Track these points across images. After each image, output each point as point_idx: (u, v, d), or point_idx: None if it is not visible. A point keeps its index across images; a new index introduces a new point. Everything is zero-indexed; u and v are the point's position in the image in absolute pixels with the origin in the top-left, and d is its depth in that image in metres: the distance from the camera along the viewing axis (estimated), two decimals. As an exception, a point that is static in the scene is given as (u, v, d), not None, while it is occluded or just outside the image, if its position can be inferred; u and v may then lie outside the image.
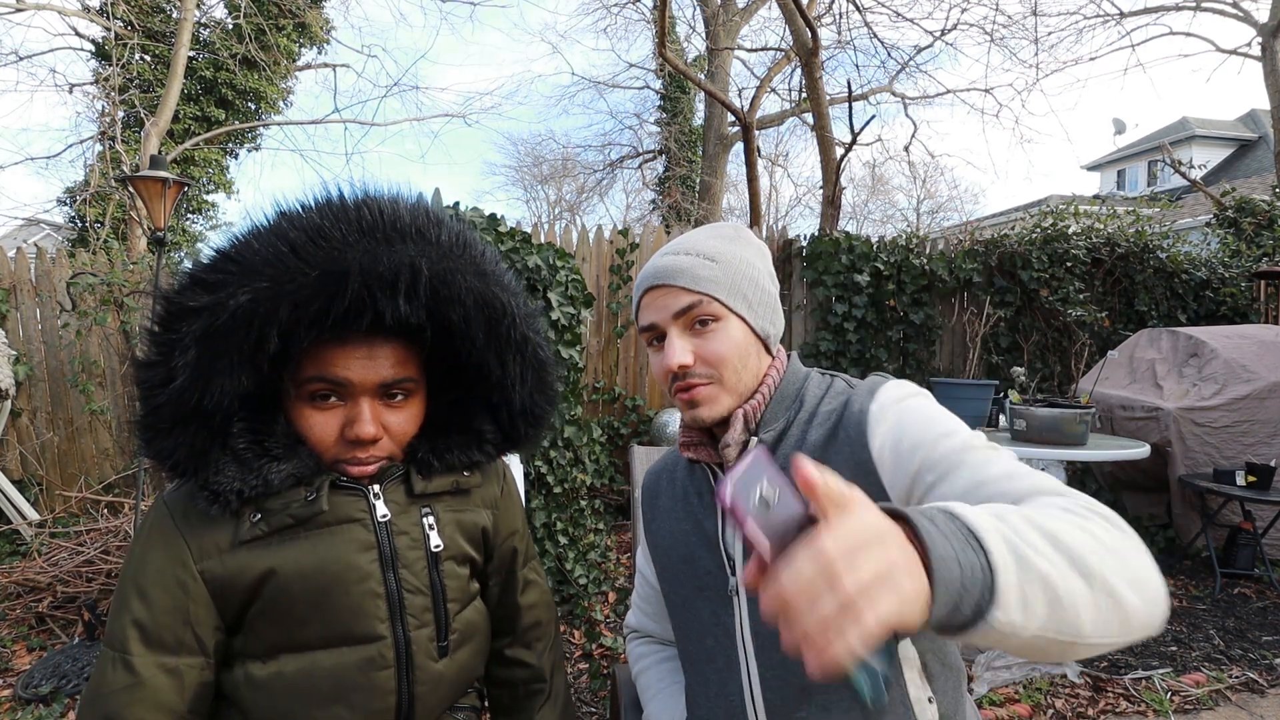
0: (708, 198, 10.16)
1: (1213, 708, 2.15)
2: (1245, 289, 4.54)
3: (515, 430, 0.91)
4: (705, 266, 0.81)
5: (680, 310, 0.80)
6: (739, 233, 0.87)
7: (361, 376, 0.77)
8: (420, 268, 0.74)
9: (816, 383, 0.86)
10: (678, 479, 0.94)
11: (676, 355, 0.79)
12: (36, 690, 2.18)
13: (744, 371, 0.81)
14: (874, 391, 0.79)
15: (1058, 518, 0.50)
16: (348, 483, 0.80)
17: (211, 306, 0.70)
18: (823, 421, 0.80)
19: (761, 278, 0.84)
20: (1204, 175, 7.22)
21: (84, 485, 3.55)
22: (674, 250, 0.83)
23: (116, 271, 3.53)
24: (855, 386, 0.83)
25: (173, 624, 0.74)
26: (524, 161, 17.59)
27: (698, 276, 0.80)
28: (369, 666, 0.78)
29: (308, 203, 0.76)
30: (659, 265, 0.83)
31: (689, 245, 0.83)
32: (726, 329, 0.80)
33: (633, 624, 1.09)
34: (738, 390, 0.81)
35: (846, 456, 0.75)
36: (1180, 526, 3.36)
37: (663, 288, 0.82)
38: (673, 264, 0.82)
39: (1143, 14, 8.11)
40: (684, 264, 0.81)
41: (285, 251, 0.71)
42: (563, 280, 2.93)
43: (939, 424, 0.71)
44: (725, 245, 0.83)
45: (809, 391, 0.85)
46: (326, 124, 9.06)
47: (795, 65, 7.50)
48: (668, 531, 0.92)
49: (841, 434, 0.77)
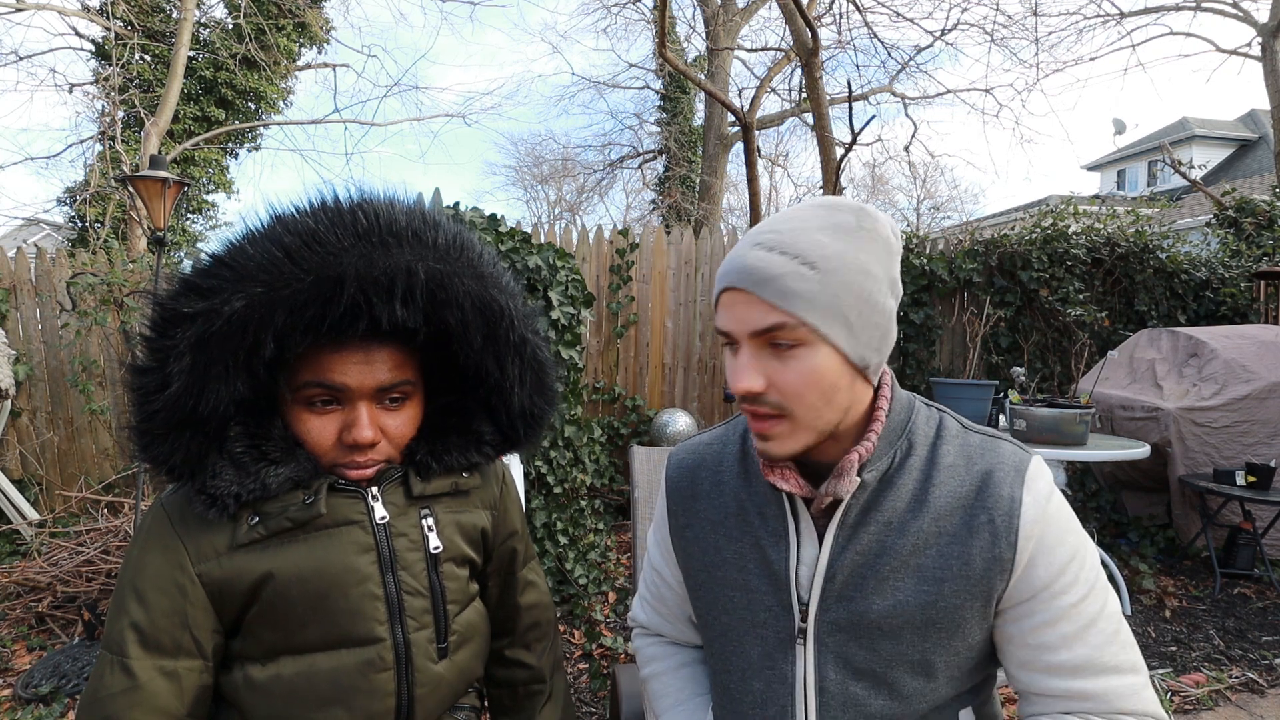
0: (708, 198, 10.16)
1: (1213, 708, 2.15)
2: (1245, 289, 4.54)
3: (514, 431, 0.91)
4: (800, 276, 0.64)
5: (760, 330, 0.66)
6: (861, 222, 0.67)
7: (359, 381, 0.77)
8: (417, 272, 0.73)
9: (924, 417, 0.75)
10: (727, 486, 0.82)
11: (745, 379, 0.66)
12: (36, 690, 2.18)
13: (825, 409, 0.67)
14: (1023, 475, 0.70)
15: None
16: (346, 485, 0.80)
17: (206, 312, 0.69)
18: (950, 482, 0.71)
19: (876, 290, 0.67)
20: (1204, 175, 7.22)
21: (84, 485, 3.55)
22: (768, 243, 0.66)
23: (116, 271, 3.53)
24: (985, 445, 0.73)
25: (171, 627, 0.73)
26: (524, 161, 17.64)
27: (787, 290, 0.64)
28: (368, 669, 0.78)
29: (302, 206, 0.75)
30: (745, 263, 0.66)
31: (789, 240, 0.66)
32: (811, 358, 0.65)
33: (641, 620, 0.99)
34: (815, 428, 0.68)
35: (986, 545, 0.68)
36: (1180, 526, 3.36)
37: (743, 294, 0.67)
38: (761, 265, 0.65)
39: (1143, 14, 8.11)
40: (775, 268, 0.64)
41: (280, 257, 0.70)
42: (563, 280, 2.93)
43: (1081, 577, 0.69)
44: (836, 243, 0.66)
45: (918, 428, 0.74)
46: (326, 124, 9.06)
47: (795, 65, 7.50)
48: (712, 546, 0.81)
49: (984, 517, 0.69)
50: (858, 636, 0.71)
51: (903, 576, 0.70)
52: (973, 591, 0.69)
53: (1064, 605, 0.68)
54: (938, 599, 0.69)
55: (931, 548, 0.70)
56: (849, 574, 0.71)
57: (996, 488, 0.70)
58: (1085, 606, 0.69)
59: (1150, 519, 3.55)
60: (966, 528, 0.69)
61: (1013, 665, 0.73)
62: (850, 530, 0.72)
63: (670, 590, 0.92)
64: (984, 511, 0.69)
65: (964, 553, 0.69)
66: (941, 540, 0.69)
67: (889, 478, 0.72)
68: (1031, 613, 0.69)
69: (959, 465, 0.72)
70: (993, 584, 0.69)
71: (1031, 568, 0.69)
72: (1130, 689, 0.68)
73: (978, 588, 0.69)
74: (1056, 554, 0.69)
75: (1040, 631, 0.69)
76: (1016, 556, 0.68)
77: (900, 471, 0.72)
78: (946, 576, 0.69)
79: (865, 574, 0.71)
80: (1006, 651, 0.73)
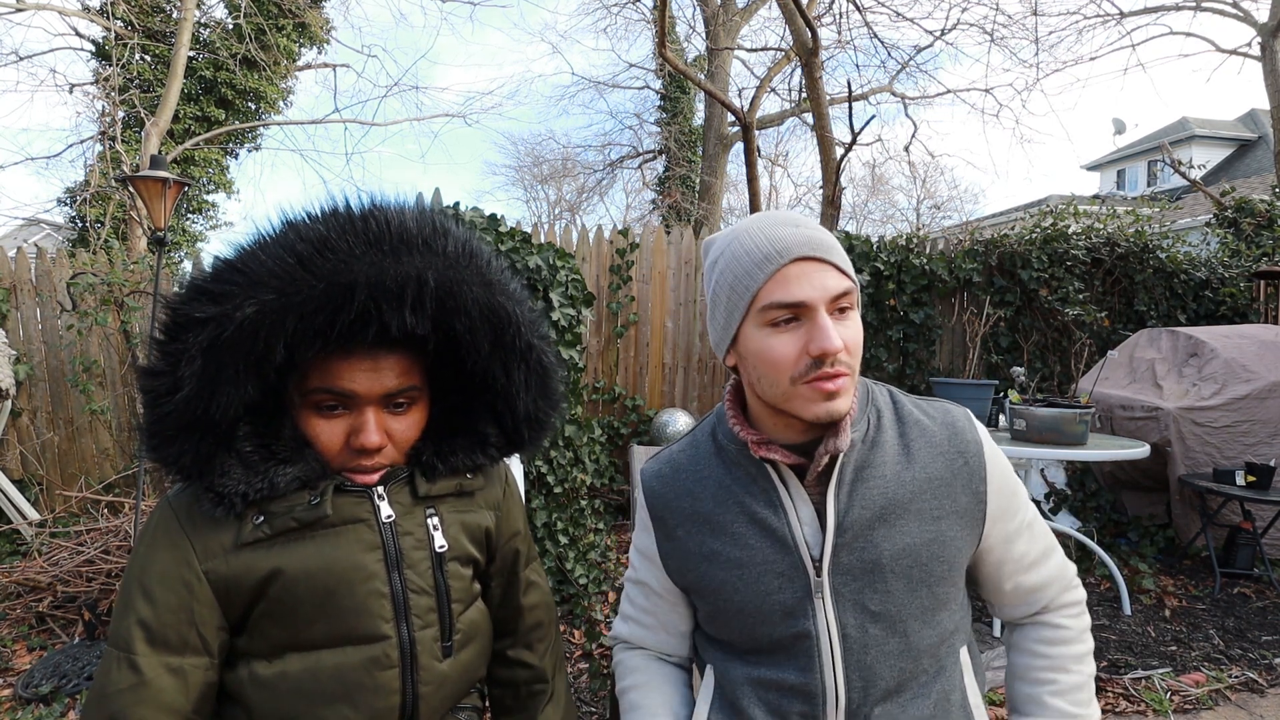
0: (708, 198, 10.16)
1: (1212, 707, 2.15)
2: (1245, 289, 4.54)
3: (519, 434, 0.91)
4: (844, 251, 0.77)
5: (838, 294, 0.74)
6: None
7: (367, 388, 0.77)
8: (427, 280, 0.74)
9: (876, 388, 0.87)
10: (709, 479, 0.86)
11: (835, 339, 0.72)
12: (37, 690, 2.18)
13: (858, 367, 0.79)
14: (973, 421, 0.85)
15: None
16: (352, 485, 0.81)
17: (218, 318, 0.69)
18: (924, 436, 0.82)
19: None
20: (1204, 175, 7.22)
21: (84, 485, 3.55)
22: (809, 225, 0.76)
23: (116, 271, 3.53)
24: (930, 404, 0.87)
25: (177, 624, 0.74)
26: (524, 161, 17.63)
27: (845, 259, 0.76)
28: (374, 666, 0.78)
29: (314, 212, 0.75)
30: (814, 236, 0.74)
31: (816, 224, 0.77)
32: (857, 319, 0.77)
33: (623, 635, 1.00)
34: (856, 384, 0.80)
35: (965, 483, 0.81)
36: (1180, 526, 3.36)
37: (819, 262, 0.74)
38: (824, 239, 0.75)
39: (1143, 14, 8.12)
40: (831, 241, 0.75)
41: (292, 263, 0.70)
42: (563, 280, 2.93)
43: (1020, 491, 0.87)
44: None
45: (877, 397, 0.86)
46: (327, 124, 9.06)
47: (795, 65, 7.50)
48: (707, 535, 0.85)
49: (960, 460, 0.82)
50: (871, 582, 0.79)
51: (907, 520, 0.79)
52: (963, 523, 0.81)
53: (1024, 519, 0.86)
54: (938, 534, 0.80)
55: (926, 491, 0.80)
56: (860, 525, 0.79)
57: (962, 433, 0.83)
58: (1027, 511, 0.87)
59: (1150, 519, 3.55)
60: (949, 470, 0.81)
61: (1001, 579, 0.87)
62: (850, 486, 0.80)
63: (660, 599, 0.94)
64: (959, 455, 0.82)
65: (951, 491, 0.81)
66: (932, 484, 0.81)
67: (871, 438, 0.82)
68: (1012, 534, 0.85)
69: (923, 421, 0.84)
70: (975, 513, 0.82)
71: (998, 494, 0.83)
72: (1064, 560, 0.89)
73: (965, 519, 0.82)
74: (1007, 477, 0.85)
75: (1015, 543, 0.85)
76: (987, 487, 0.82)
77: (879, 431, 0.82)
78: (942, 514, 0.80)
79: (874, 523, 0.79)
80: (996, 568, 0.87)
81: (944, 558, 0.80)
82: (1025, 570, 0.86)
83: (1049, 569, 0.87)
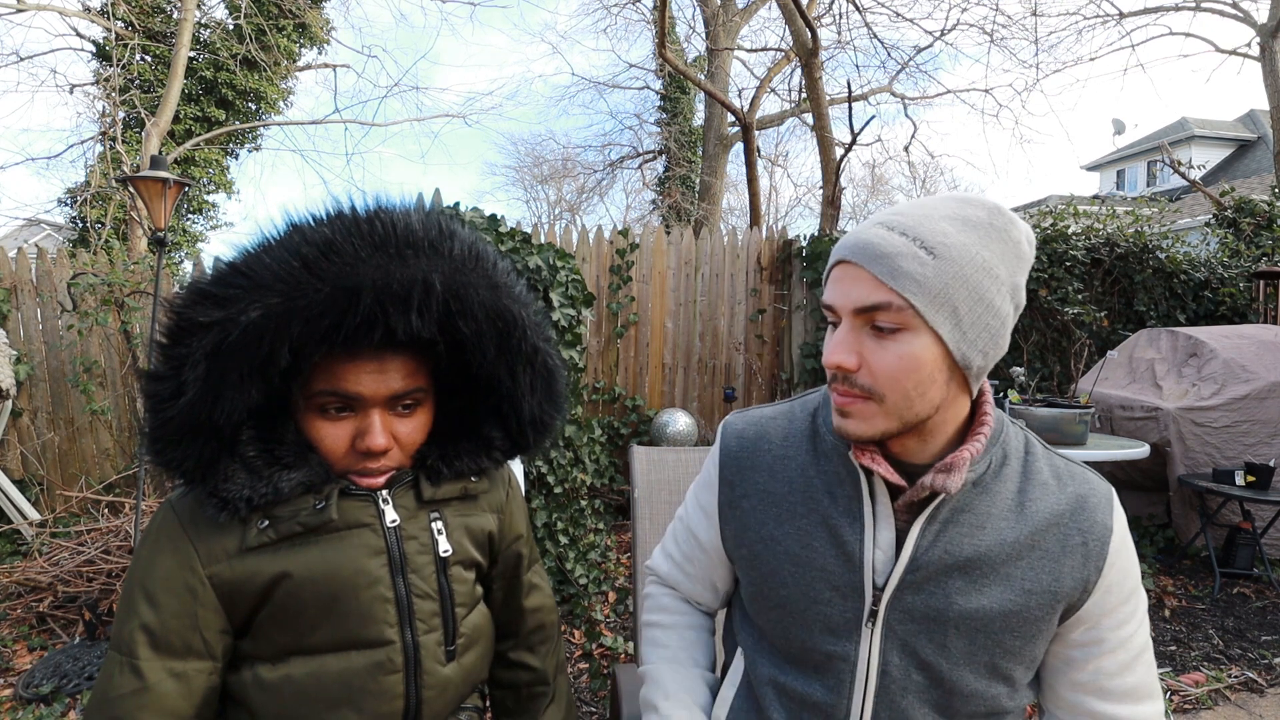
0: (708, 198, 10.16)
1: (1212, 707, 2.15)
2: (1244, 289, 4.54)
3: (524, 437, 0.91)
4: (915, 259, 0.63)
5: (864, 307, 0.65)
6: (993, 219, 0.66)
7: (372, 390, 0.77)
8: (433, 283, 0.73)
9: (1013, 431, 0.77)
10: (793, 462, 0.80)
11: (839, 354, 0.66)
12: (37, 690, 2.18)
13: (917, 399, 0.66)
14: (1112, 504, 0.74)
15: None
16: (357, 489, 0.80)
17: (222, 322, 0.69)
18: (1047, 498, 0.72)
19: (994, 290, 0.65)
20: (1203, 175, 7.23)
21: (84, 485, 3.55)
22: (890, 223, 0.66)
23: (117, 272, 3.52)
24: (1072, 469, 0.76)
25: (181, 628, 0.74)
26: (524, 162, 17.60)
27: (898, 270, 0.63)
28: (377, 671, 0.78)
29: (319, 215, 0.75)
30: (862, 238, 0.66)
31: (912, 222, 0.65)
32: (911, 344, 0.64)
33: (661, 570, 0.96)
34: (900, 417, 0.67)
35: (1077, 565, 0.71)
36: (1180, 526, 3.36)
37: (853, 267, 0.66)
38: (879, 241, 0.65)
39: (1143, 14, 8.13)
40: (891, 245, 0.64)
41: (297, 267, 0.70)
42: (563, 280, 2.94)
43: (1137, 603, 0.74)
44: (961, 234, 0.64)
45: (1010, 440, 0.75)
46: (327, 124, 9.05)
47: (795, 65, 7.50)
48: (773, 519, 0.79)
49: (1078, 539, 0.71)
50: (930, 630, 0.72)
51: (992, 582, 0.71)
52: (1054, 608, 0.71)
53: (1126, 634, 0.73)
54: (1022, 610, 0.70)
55: (1024, 559, 0.71)
56: (935, 569, 0.71)
57: (1092, 512, 0.72)
58: (1140, 636, 0.74)
59: (1150, 519, 3.56)
60: (1061, 545, 0.71)
61: (1064, 685, 0.76)
62: (941, 526, 0.71)
63: (704, 554, 0.90)
64: (1079, 533, 0.71)
65: (1055, 569, 0.71)
66: (1035, 554, 0.71)
67: (984, 483, 0.72)
68: (1098, 639, 0.73)
69: (1052, 483, 0.74)
70: (1071, 603, 0.72)
71: (1106, 593, 0.72)
72: (1158, 715, 0.74)
73: (1059, 605, 0.71)
74: (1127, 584, 0.73)
75: (1104, 658, 0.73)
76: (1100, 581, 0.71)
77: (997, 479, 0.73)
78: (1035, 589, 0.70)
79: (953, 572, 0.71)
80: (1061, 671, 0.76)
81: (1022, 634, 0.71)
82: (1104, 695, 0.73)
83: (1141, 710, 0.73)
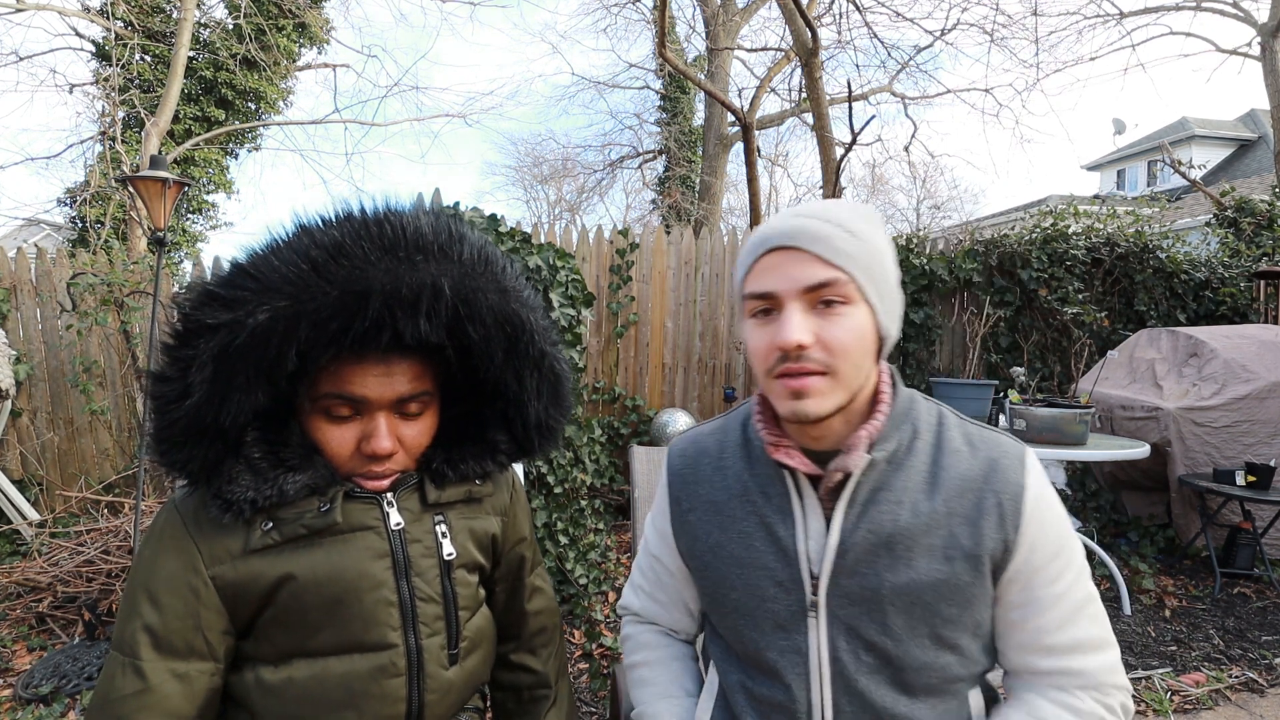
0: (708, 198, 10.16)
1: (1212, 707, 2.15)
2: (1245, 289, 4.54)
3: (529, 441, 0.91)
4: (847, 238, 0.70)
5: (813, 285, 0.69)
6: (875, 217, 0.75)
7: (379, 393, 0.77)
8: (442, 288, 0.73)
9: (925, 407, 0.80)
10: (730, 470, 0.84)
11: (795, 332, 0.68)
12: (37, 690, 2.18)
13: (862, 367, 0.71)
14: (1024, 463, 0.75)
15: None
16: (361, 491, 0.80)
17: (230, 324, 0.69)
18: (959, 465, 0.75)
19: (893, 271, 0.74)
20: (1204, 175, 7.23)
21: (84, 485, 3.55)
22: (808, 214, 0.72)
23: (117, 272, 3.52)
24: (985, 435, 0.78)
25: (183, 629, 0.73)
26: (524, 161, 17.58)
27: (838, 249, 0.69)
28: (380, 674, 0.78)
29: (328, 217, 0.74)
30: (791, 225, 0.71)
31: (827, 213, 0.71)
32: (855, 315, 0.70)
33: (634, 607, 0.98)
34: (850, 388, 0.71)
35: (995, 526, 0.72)
36: (1180, 526, 3.36)
37: (793, 251, 0.71)
38: (811, 227, 0.70)
39: (1143, 14, 8.12)
40: (823, 230, 0.70)
41: (306, 269, 0.69)
42: (563, 280, 2.94)
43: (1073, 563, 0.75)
44: (865, 225, 0.72)
45: (920, 415, 0.78)
46: (327, 124, 9.03)
47: (795, 65, 7.50)
48: (717, 526, 0.83)
49: (992, 500, 0.73)
50: (870, 611, 0.74)
51: (916, 554, 0.73)
52: (980, 570, 0.73)
53: (1060, 589, 0.74)
54: (949, 576, 0.73)
55: (943, 527, 0.73)
56: (863, 550, 0.74)
57: (1004, 472, 0.74)
58: (1076, 591, 0.75)
59: (1150, 519, 3.55)
60: (976, 509, 0.73)
61: (1010, 648, 0.78)
62: (861, 507, 0.74)
63: (671, 576, 0.93)
64: (992, 494, 0.74)
65: (974, 532, 0.73)
66: (953, 520, 0.73)
67: (898, 459, 0.75)
68: (1033, 599, 0.74)
69: (964, 450, 0.76)
70: (997, 563, 0.74)
71: (1031, 550, 0.73)
72: (1112, 664, 0.75)
73: (984, 566, 0.73)
74: (1051, 540, 0.74)
75: (1042, 615, 0.74)
76: (1020, 538, 0.73)
77: (910, 454, 0.76)
78: (957, 555, 0.73)
79: (879, 550, 0.73)
80: (1005, 635, 0.78)
81: (956, 601, 0.73)
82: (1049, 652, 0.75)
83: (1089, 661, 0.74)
